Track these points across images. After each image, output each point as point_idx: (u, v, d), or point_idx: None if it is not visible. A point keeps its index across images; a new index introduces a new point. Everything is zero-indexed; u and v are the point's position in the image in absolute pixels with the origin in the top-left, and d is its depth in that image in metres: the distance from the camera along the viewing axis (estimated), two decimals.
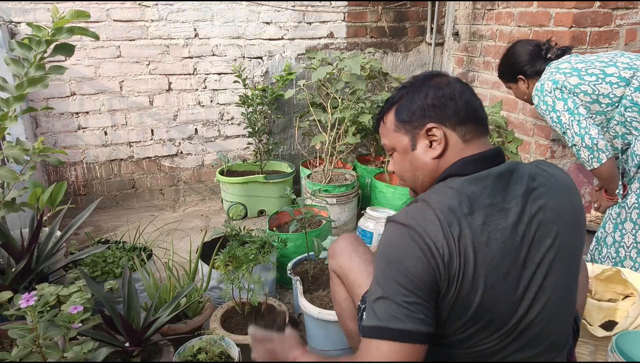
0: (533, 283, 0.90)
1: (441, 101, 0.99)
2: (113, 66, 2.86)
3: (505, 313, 0.90)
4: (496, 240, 0.87)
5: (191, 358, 1.47)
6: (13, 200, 1.59)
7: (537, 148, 2.69)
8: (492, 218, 0.88)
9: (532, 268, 0.90)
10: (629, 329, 1.51)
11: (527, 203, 0.91)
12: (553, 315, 0.93)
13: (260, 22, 3.04)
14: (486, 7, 3.00)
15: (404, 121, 1.03)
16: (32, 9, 2.61)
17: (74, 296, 1.34)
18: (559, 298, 0.94)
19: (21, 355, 1.14)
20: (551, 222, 0.92)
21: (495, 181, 0.91)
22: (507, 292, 0.88)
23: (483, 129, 1.01)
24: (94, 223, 2.90)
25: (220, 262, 1.73)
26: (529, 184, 0.93)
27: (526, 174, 0.94)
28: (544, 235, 0.91)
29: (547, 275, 0.91)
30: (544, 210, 0.92)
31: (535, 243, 0.90)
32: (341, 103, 2.75)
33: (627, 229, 1.91)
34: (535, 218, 0.91)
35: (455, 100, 0.98)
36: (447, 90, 0.99)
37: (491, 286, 0.87)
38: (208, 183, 3.32)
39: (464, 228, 0.86)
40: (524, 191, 0.91)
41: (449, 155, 0.99)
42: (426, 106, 1.00)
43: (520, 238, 0.89)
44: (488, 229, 0.87)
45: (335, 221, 2.75)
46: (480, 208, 0.88)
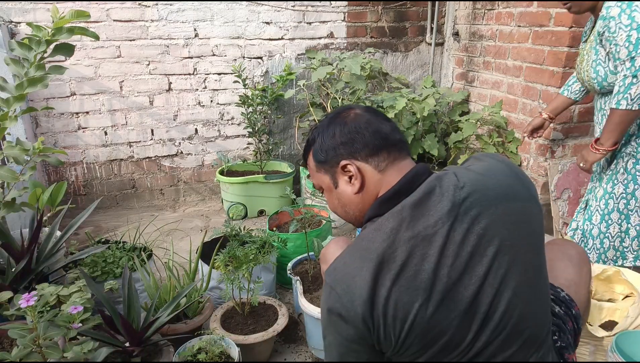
0: (482, 297, 0.88)
1: (348, 136, 1.00)
2: (113, 66, 2.86)
3: (457, 334, 0.88)
4: (425, 270, 0.86)
5: (191, 358, 1.47)
6: (13, 200, 1.59)
7: (537, 148, 2.69)
8: (417, 249, 0.87)
9: (476, 283, 0.87)
10: (629, 329, 1.51)
11: (457, 219, 0.88)
12: (521, 316, 0.91)
13: (260, 22, 3.04)
14: (486, 7, 3.01)
15: (321, 162, 1.06)
16: (32, 9, 2.61)
17: (74, 296, 1.34)
18: (525, 298, 0.91)
19: (21, 355, 1.14)
20: (491, 229, 0.89)
21: (411, 212, 0.90)
22: (448, 316, 0.87)
23: (399, 153, 1.01)
24: (94, 223, 2.90)
25: (220, 262, 1.73)
26: (455, 197, 0.89)
27: (451, 186, 0.90)
28: (485, 244, 0.88)
29: (502, 283, 0.88)
30: (479, 219, 0.89)
31: (474, 256, 0.88)
32: (341, 103, 2.75)
33: (614, 219, 1.93)
34: (469, 231, 0.88)
35: (362, 133, 1.00)
36: (352, 125, 1.01)
37: (429, 317, 0.85)
38: (208, 183, 3.32)
39: (391, 274, 0.86)
40: (450, 208, 0.88)
41: (370, 187, 1.00)
42: (336, 145, 1.02)
43: (453, 259, 0.87)
44: (414, 262, 0.86)
45: (335, 221, 2.76)
46: (402, 244, 0.87)
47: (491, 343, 0.90)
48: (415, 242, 0.87)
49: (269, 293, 2.06)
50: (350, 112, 1.04)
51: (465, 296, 0.87)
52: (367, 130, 1.00)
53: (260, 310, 1.83)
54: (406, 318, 0.86)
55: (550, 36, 2.49)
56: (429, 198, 0.90)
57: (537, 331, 0.97)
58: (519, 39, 2.74)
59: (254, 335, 1.65)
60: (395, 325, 0.86)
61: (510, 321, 0.90)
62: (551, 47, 2.50)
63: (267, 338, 1.65)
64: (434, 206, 0.89)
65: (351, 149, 1.00)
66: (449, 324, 0.87)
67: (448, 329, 0.87)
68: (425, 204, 0.90)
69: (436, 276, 0.86)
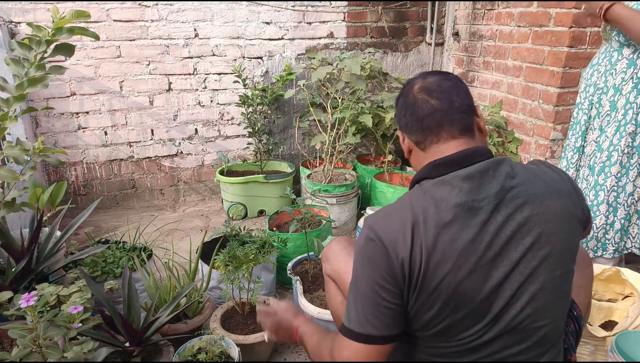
0: (509, 281, 0.92)
1: (401, 110, 1.07)
2: (113, 66, 2.86)
3: (478, 310, 0.92)
4: (462, 239, 0.90)
5: (191, 358, 1.47)
6: (13, 200, 1.59)
7: (537, 148, 2.69)
8: (459, 217, 0.91)
9: (507, 267, 0.91)
10: (629, 329, 1.51)
11: (502, 202, 0.92)
12: (541, 312, 0.94)
13: (260, 22, 3.04)
14: (486, 7, 3.01)
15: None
16: (32, 9, 2.61)
17: (74, 296, 1.34)
18: (548, 296, 0.95)
19: (21, 355, 1.14)
20: (532, 221, 0.93)
21: (461, 183, 0.94)
22: (474, 289, 0.91)
23: (437, 136, 1.02)
24: (94, 223, 2.90)
25: (220, 262, 1.73)
26: (505, 183, 0.94)
27: (504, 173, 0.95)
28: (524, 233, 0.92)
29: (531, 274, 0.92)
30: (522, 209, 0.93)
31: (512, 241, 0.92)
32: (341, 103, 2.75)
33: (602, 211, 1.97)
34: (511, 216, 0.92)
35: (407, 112, 1.05)
36: (407, 101, 1.05)
37: (457, 283, 0.90)
38: (208, 183, 3.32)
39: (429, 229, 0.91)
40: (498, 191, 0.93)
41: (418, 156, 1.07)
42: (396, 114, 1.11)
43: (491, 237, 0.91)
44: (454, 228, 0.90)
45: (335, 221, 2.76)
46: (447, 209, 0.92)
47: (507, 333, 0.94)
48: (460, 211, 0.91)
49: (269, 293, 2.06)
50: (413, 86, 1.06)
51: (495, 277, 0.91)
52: (413, 110, 1.04)
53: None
54: (434, 277, 0.90)
55: (550, 36, 2.49)
56: (482, 176, 0.94)
57: (552, 332, 0.98)
58: (518, 39, 2.74)
59: (254, 335, 1.65)
60: (425, 279, 0.91)
61: (529, 314, 0.93)
62: (551, 47, 2.50)
63: None
64: (484, 185, 0.93)
65: (401, 122, 1.08)
66: (472, 298, 0.91)
67: (470, 303, 0.91)
68: (476, 180, 0.94)
69: (471, 248, 0.90)
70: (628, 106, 1.87)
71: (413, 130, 1.05)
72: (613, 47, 1.90)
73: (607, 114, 1.94)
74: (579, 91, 2.12)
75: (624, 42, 1.84)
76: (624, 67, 1.85)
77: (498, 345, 0.95)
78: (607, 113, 1.93)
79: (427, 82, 1.04)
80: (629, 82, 1.85)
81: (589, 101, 2.02)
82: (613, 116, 1.91)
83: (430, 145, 1.03)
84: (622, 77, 1.86)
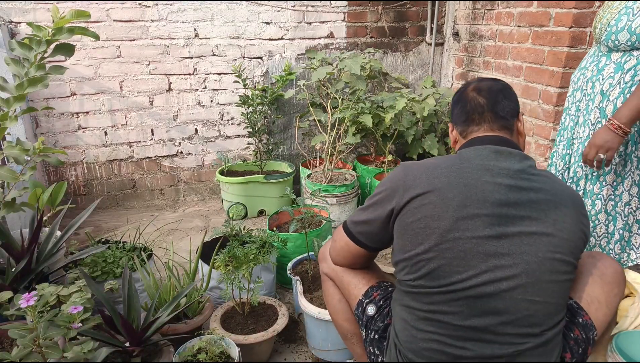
0: (506, 242, 1.01)
1: (454, 106, 1.26)
2: (113, 66, 2.86)
3: (463, 256, 1.02)
4: (476, 187, 1.04)
5: (191, 358, 1.47)
6: (13, 200, 1.59)
7: (537, 148, 2.69)
8: (480, 171, 1.06)
9: (509, 227, 1.02)
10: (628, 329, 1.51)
11: (519, 179, 1.05)
12: (533, 287, 1.01)
13: (260, 22, 3.04)
14: (486, 7, 3.01)
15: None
16: (32, 9, 2.61)
17: (74, 296, 1.34)
18: (543, 274, 1.02)
19: (21, 355, 1.14)
20: (542, 203, 1.04)
21: (489, 152, 1.09)
22: (473, 229, 1.02)
23: (478, 126, 1.19)
24: (94, 223, 2.90)
25: (220, 262, 1.73)
26: (527, 169, 1.07)
27: (529, 164, 1.08)
28: (531, 208, 1.03)
29: (525, 241, 1.01)
30: (537, 191, 1.05)
31: (520, 212, 1.02)
32: (341, 103, 2.75)
33: (601, 220, 1.91)
34: (524, 191, 1.04)
35: (458, 106, 1.23)
36: (460, 97, 1.23)
37: (458, 218, 1.02)
38: (208, 183, 3.32)
39: (451, 172, 1.07)
40: (519, 169, 1.06)
41: (461, 143, 1.22)
42: (450, 109, 1.30)
43: (505, 197, 1.03)
44: (473, 177, 1.05)
45: (335, 221, 2.76)
46: (471, 164, 1.07)
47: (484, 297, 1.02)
48: (481, 170, 1.06)
49: (269, 293, 2.06)
50: (468, 87, 1.23)
51: (498, 227, 1.02)
52: (461, 105, 1.22)
53: (260, 310, 1.83)
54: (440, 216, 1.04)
55: (550, 36, 2.49)
56: (509, 156, 1.09)
57: (537, 318, 1.02)
58: (518, 39, 2.74)
59: (254, 335, 1.65)
60: (433, 195, 1.06)
61: (518, 285, 1.01)
62: (551, 47, 2.50)
63: (267, 338, 1.65)
64: (509, 160, 1.08)
65: (452, 116, 1.27)
66: (468, 238, 1.02)
67: (455, 247, 1.02)
68: (503, 156, 1.08)
69: (484, 198, 1.03)
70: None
71: (460, 121, 1.22)
72: (602, 52, 1.83)
73: (598, 121, 1.83)
74: (567, 95, 2.04)
75: (612, 47, 1.76)
76: (612, 72, 1.77)
77: (469, 310, 1.03)
78: (598, 121, 1.83)
79: (480, 84, 1.21)
80: (616, 88, 1.76)
81: (576, 106, 1.94)
82: (603, 124, 1.79)
83: (470, 133, 1.19)
84: (609, 82, 1.78)
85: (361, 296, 1.31)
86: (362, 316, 1.30)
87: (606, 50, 1.81)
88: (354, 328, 1.39)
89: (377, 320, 1.27)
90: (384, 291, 1.31)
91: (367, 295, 1.31)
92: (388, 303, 1.28)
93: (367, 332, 1.29)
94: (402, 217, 1.10)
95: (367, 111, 2.80)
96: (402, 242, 1.11)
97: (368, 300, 1.30)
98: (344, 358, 1.73)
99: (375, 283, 1.33)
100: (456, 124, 1.23)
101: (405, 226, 1.09)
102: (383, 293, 1.30)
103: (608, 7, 1.78)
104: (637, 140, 1.79)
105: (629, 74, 1.72)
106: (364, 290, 1.32)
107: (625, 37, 1.68)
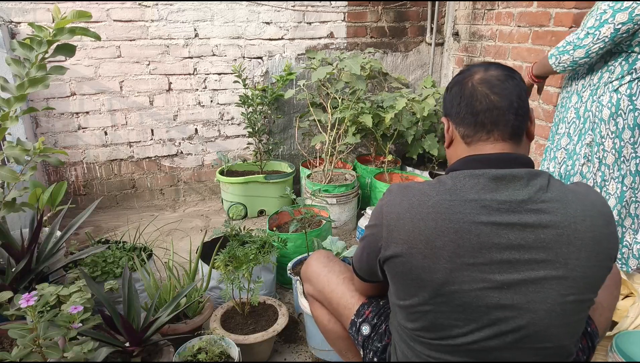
0: (510, 290, 0.89)
1: (454, 98, 1.02)
2: (113, 66, 2.86)
3: (470, 309, 0.91)
4: (470, 232, 0.88)
5: (191, 358, 1.47)
6: (13, 200, 1.59)
7: (537, 148, 2.69)
8: (473, 211, 0.89)
9: (513, 275, 0.88)
10: (629, 329, 1.51)
11: (524, 213, 0.89)
12: (542, 334, 0.91)
13: (260, 22, 3.04)
14: (486, 7, 3.01)
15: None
16: (32, 9, 2.61)
17: (74, 296, 1.34)
18: (554, 319, 0.91)
19: (21, 355, 1.14)
20: (553, 239, 0.88)
21: (487, 181, 0.91)
22: (470, 281, 0.89)
23: (488, 135, 0.98)
24: (94, 223, 2.90)
25: (220, 262, 1.73)
26: (535, 195, 0.90)
27: (538, 185, 0.91)
28: (538, 248, 0.88)
29: (537, 293, 0.88)
30: (546, 225, 0.89)
31: (524, 255, 0.88)
32: (341, 103, 2.75)
33: None
34: (530, 227, 0.88)
35: (461, 101, 1.00)
36: (463, 89, 1.00)
37: (452, 269, 0.89)
38: (208, 183, 3.32)
39: (438, 214, 0.91)
40: (524, 199, 0.90)
41: (457, 149, 1.03)
42: (446, 99, 1.06)
43: (505, 240, 0.88)
44: (466, 220, 0.89)
45: (335, 221, 2.76)
46: (463, 202, 0.90)
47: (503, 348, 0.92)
48: (475, 206, 0.90)
49: (269, 293, 2.06)
50: (473, 76, 1.01)
51: (493, 280, 0.89)
52: (467, 100, 0.99)
53: (260, 310, 1.83)
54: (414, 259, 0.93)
55: (550, 36, 2.49)
56: (513, 181, 0.91)
57: (554, 354, 0.95)
58: (518, 39, 2.74)
59: (254, 335, 1.65)
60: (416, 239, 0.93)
61: (530, 334, 0.90)
62: (551, 47, 2.49)
63: (267, 338, 1.65)
64: (511, 190, 0.91)
65: (451, 110, 1.04)
66: (467, 289, 0.90)
67: (466, 294, 0.90)
68: (505, 184, 0.91)
69: (478, 244, 0.88)
70: (587, 115, 1.83)
71: (464, 122, 1.00)
72: None
73: (572, 121, 1.92)
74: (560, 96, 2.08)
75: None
76: (584, 72, 1.86)
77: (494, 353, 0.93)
78: (573, 121, 1.91)
79: (490, 74, 0.99)
80: (587, 89, 1.84)
81: (563, 105, 1.99)
82: (578, 124, 1.89)
83: (477, 142, 0.99)
84: (582, 83, 1.88)
85: (353, 316, 1.26)
86: (357, 336, 1.25)
87: None
88: (347, 345, 1.36)
89: (374, 340, 1.21)
90: (375, 307, 1.25)
91: (359, 314, 1.25)
92: (382, 320, 1.22)
93: (364, 351, 1.24)
94: (391, 265, 0.98)
95: (367, 111, 2.80)
96: (395, 288, 1.01)
97: (361, 319, 1.24)
98: None
99: (365, 300, 1.27)
100: (456, 124, 1.02)
101: (395, 274, 0.98)
102: (375, 310, 1.24)
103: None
104: (626, 137, 1.80)
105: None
106: (355, 310, 1.26)
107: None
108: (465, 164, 0.97)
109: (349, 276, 1.33)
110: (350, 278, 1.32)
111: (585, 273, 0.90)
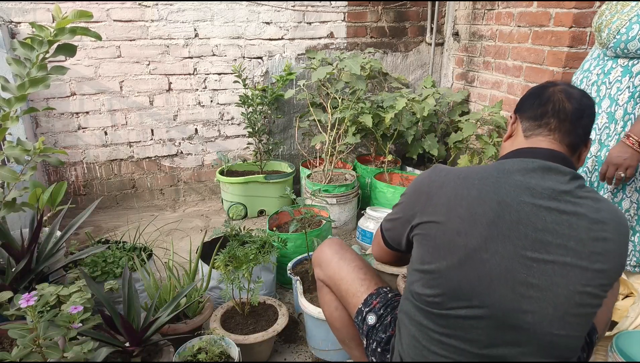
0: (537, 270, 0.93)
1: (530, 98, 1.12)
2: (113, 66, 2.86)
3: (505, 273, 0.93)
4: (511, 206, 0.94)
5: (191, 358, 1.47)
6: (13, 200, 1.59)
7: None
8: (518, 189, 0.96)
9: (543, 255, 0.93)
10: (628, 329, 1.52)
11: (563, 202, 0.95)
12: (560, 320, 0.93)
13: (260, 22, 3.04)
14: (486, 7, 3.01)
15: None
16: (32, 9, 2.61)
17: (74, 296, 1.34)
18: (564, 310, 0.94)
19: (21, 355, 1.14)
20: (584, 233, 0.93)
21: (536, 167, 0.99)
22: (503, 252, 0.93)
23: (549, 133, 1.07)
24: (94, 223, 2.90)
25: (220, 262, 1.73)
26: (575, 190, 0.97)
27: (577, 184, 0.98)
28: (569, 236, 0.93)
29: (557, 272, 0.92)
30: (581, 218, 0.94)
31: (557, 239, 0.93)
32: (341, 103, 2.75)
33: None
34: (566, 216, 0.94)
35: (536, 101, 1.10)
36: (542, 92, 1.10)
37: (487, 237, 0.93)
38: (208, 183, 3.32)
39: (484, 185, 0.97)
40: (564, 191, 0.96)
41: (515, 141, 1.12)
42: (522, 98, 1.16)
43: (542, 222, 0.93)
44: (510, 196, 0.95)
45: (335, 221, 2.76)
46: (510, 180, 0.97)
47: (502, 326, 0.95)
48: (520, 187, 0.96)
49: (269, 293, 2.06)
50: (556, 86, 1.10)
51: (524, 249, 0.93)
52: (538, 101, 1.09)
53: (260, 310, 1.83)
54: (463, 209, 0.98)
55: (550, 36, 2.49)
56: (557, 175, 0.99)
57: (559, 350, 0.96)
58: (518, 39, 2.74)
59: (254, 335, 1.65)
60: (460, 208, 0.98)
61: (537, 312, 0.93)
62: (551, 47, 2.50)
63: (267, 338, 1.65)
64: (555, 181, 0.98)
65: (521, 107, 1.14)
66: (497, 257, 0.93)
67: (496, 259, 0.94)
68: (549, 174, 0.99)
69: (516, 221, 0.93)
70: (627, 118, 1.76)
71: (531, 118, 1.09)
72: (608, 56, 1.80)
73: (605, 126, 1.81)
74: None
75: (620, 54, 1.73)
76: (619, 75, 1.75)
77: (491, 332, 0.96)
78: (606, 126, 1.81)
79: (571, 90, 1.09)
80: (625, 92, 1.74)
81: None
82: (612, 129, 1.79)
83: (535, 136, 1.07)
84: (617, 86, 1.76)
85: (360, 305, 1.28)
86: (362, 325, 1.26)
87: (613, 55, 1.78)
88: (352, 334, 1.37)
89: (378, 331, 1.23)
90: (383, 299, 1.26)
91: (366, 304, 1.27)
92: (389, 311, 1.24)
93: (368, 340, 1.26)
94: (424, 228, 1.02)
95: (367, 111, 2.80)
96: (421, 252, 1.03)
97: (368, 308, 1.26)
98: (343, 358, 1.74)
99: (374, 290, 1.29)
100: (523, 119, 1.11)
101: (425, 236, 1.02)
102: (383, 301, 1.26)
103: (617, 11, 1.75)
104: None
105: (638, 77, 1.71)
106: (362, 298, 1.28)
107: (636, 46, 1.67)
108: (518, 153, 1.06)
109: (360, 264, 1.35)
110: (361, 267, 1.34)
111: (603, 269, 0.95)
